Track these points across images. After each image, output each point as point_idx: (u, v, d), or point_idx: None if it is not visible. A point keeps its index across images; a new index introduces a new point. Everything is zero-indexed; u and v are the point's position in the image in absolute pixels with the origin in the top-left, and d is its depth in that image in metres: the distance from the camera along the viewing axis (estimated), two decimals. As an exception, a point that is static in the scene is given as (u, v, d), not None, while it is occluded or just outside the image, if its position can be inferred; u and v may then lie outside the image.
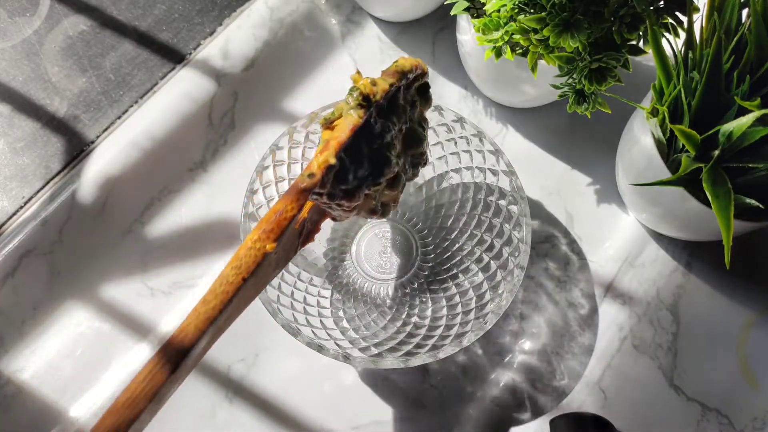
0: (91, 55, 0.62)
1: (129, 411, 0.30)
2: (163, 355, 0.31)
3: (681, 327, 0.54)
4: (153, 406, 0.31)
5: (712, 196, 0.42)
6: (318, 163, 0.34)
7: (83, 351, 0.53)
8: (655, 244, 0.57)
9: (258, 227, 0.34)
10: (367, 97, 0.36)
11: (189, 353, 0.32)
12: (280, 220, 0.34)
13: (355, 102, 0.36)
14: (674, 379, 0.53)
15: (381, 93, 0.36)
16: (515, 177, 0.50)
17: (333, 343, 0.48)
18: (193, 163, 0.59)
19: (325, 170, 0.34)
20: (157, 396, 0.31)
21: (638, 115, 0.51)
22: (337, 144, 0.35)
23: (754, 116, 0.40)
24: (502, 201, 0.51)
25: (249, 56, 0.62)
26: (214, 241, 0.56)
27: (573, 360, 0.53)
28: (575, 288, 0.55)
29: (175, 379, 0.31)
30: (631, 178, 0.52)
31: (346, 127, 0.36)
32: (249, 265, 0.33)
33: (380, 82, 0.37)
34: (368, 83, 0.36)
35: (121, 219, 0.57)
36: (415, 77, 0.40)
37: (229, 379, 0.52)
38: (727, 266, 0.40)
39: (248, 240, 0.33)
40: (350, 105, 0.36)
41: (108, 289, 0.55)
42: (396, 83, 0.38)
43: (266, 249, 0.33)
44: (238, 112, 0.60)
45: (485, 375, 0.53)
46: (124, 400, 0.30)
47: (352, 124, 0.36)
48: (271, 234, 0.33)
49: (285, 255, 0.37)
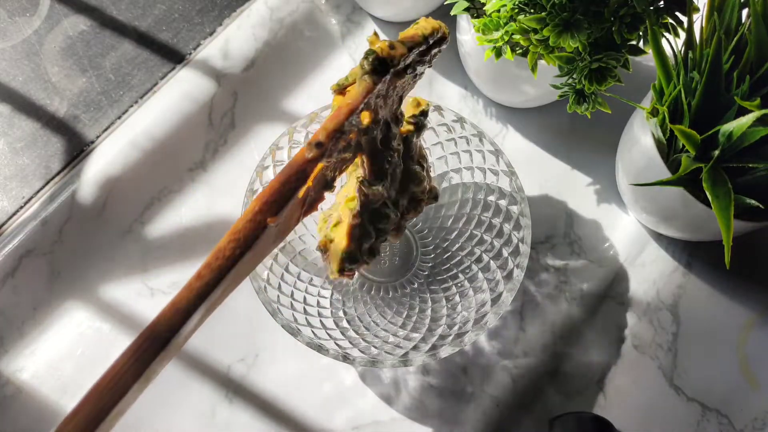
0: (91, 55, 0.63)
1: (114, 390, 0.28)
2: (153, 331, 0.29)
3: (681, 327, 0.54)
4: (140, 385, 0.29)
5: (712, 196, 0.42)
6: (327, 130, 0.32)
7: (83, 351, 0.53)
8: (655, 244, 0.57)
9: (259, 198, 0.31)
10: (384, 61, 0.33)
11: (180, 329, 0.30)
12: (283, 191, 0.31)
13: (369, 66, 0.33)
14: (674, 379, 0.53)
15: (399, 57, 0.33)
16: (515, 177, 0.50)
17: (333, 343, 0.48)
18: (193, 163, 0.59)
19: (333, 137, 0.32)
20: (145, 374, 0.29)
21: (638, 115, 0.51)
22: (347, 110, 0.32)
23: (754, 116, 0.40)
24: (502, 201, 0.52)
25: (249, 56, 0.62)
26: (214, 240, 0.56)
27: (573, 360, 0.53)
28: (575, 288, 0.55)
29: (164, 356, 0.29)
30: (631, 178, 0.52)
31: (359, 93, 0.33)
32: (248, 238, 0.31)
33: (398, 45, 0.33)
34: (385, 46, 0.33)
35: (122, 219, 0.57)
36: (434, 42, 0.36)
37: (228, 378, 0.52)
38: (727, 266, 0.40)
39: (248, 212, 0.31)
40: (365, 69, 0.33)
41: (108, 289, 0.55)
42: (416, 48, 0.34)
43: (267, 222, 0.31)
44: (238, 112, 0.61)
45: (485, 375, 0.53)
46: (109, 378, 0.28)
47: (365, 90, 0.33)
48: (273, 205, 0.31)
49: (286, 226, 0.35)
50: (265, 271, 0.49)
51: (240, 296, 0.54)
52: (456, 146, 0.53)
